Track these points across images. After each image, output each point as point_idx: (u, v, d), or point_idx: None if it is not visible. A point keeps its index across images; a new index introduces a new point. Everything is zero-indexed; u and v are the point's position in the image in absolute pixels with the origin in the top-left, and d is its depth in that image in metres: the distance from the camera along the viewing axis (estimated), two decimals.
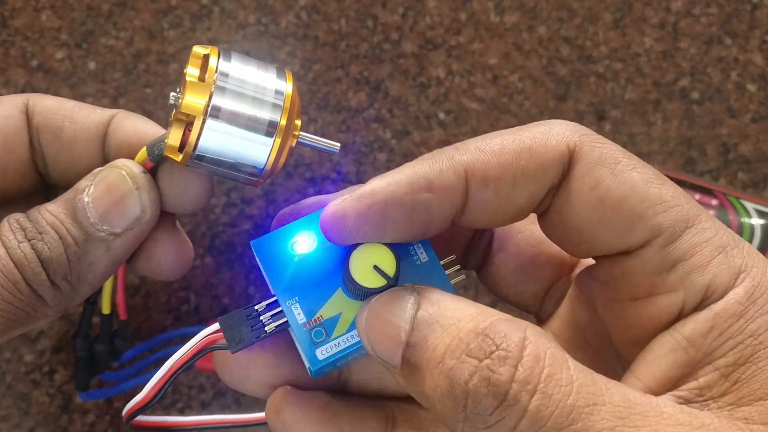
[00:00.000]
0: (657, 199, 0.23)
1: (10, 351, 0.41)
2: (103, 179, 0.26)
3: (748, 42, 0.46)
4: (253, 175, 0.26)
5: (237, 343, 0.24)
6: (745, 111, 0.46)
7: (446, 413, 0.20)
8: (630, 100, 0.46)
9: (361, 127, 0.45)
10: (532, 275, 0.28)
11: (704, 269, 0.22)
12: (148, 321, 0.42)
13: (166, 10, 0.45)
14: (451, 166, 0.23)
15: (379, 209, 0.23)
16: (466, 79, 0.45)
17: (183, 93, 0.25)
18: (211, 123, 0.24)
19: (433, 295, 0.22)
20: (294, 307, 0.24)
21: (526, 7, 0.46)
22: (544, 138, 0.24)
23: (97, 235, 0.26)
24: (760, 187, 0.45)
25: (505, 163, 0.23)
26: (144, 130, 0.28)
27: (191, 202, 0.28)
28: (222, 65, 0.25)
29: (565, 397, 0.19)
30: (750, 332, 0.21)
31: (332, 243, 0.24)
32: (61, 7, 0.45)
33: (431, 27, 0.46)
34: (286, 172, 0.44)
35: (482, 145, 0.24)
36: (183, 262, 0.29)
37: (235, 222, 0.43)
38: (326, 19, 0.46)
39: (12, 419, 0.41)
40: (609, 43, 0.46)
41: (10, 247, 0.25)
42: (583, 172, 0.23)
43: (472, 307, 0.22)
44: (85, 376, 0.36)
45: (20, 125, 0.28)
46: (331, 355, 0.24)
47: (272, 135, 0.25)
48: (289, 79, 0.26)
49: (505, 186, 0.23)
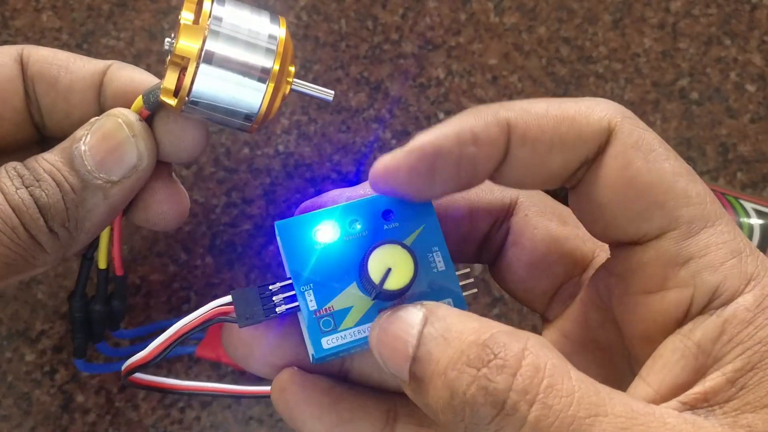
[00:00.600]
0: (681, 193, 0.23)
1: (11, 351, 0.41)
2: (100, 128, 0.26)
3: (748, 42, 0.46)
4: (247, 120, 0.26)
5: (246, 318, 0.24)
6: (744, 111, 0.46)
7: (448, 425, 0.21)
8: (629, 100, 0.46)
9: (361, 127, 0.45)
10: (543, 271, 0.28)
11: (716, 270, 0.22)
12: (148, 321, 0.42)
13: (167, 11, 0.45)
14: (496, 121, 0.23)
15: (428, 162, 0.23)
16: (465, 79, 0.45)
17: (177, 36, 0.25)
18: (204, 68, 0.25)
19: (440, 310, 0.22)
20: (307, 293, 0.25)
21: (526, 8, 0.46)
22: (587, 111, 0.24)
23: (95, 183, 0.26)
24: (759, 187, 0.45)
25: (546, 126, 0.24)
26: (140, 79, 0.28)
27: (187, 149, 0.28)
28: (216, 9, 0.25)
29: (565, 408, 0.19)
30: (759, 339, 0.21)
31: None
32: (61, 7, 0.45)
33: (431, 27, 0.46)
34: (286, 172, 0.44)
35: (527, 106, 0.24)
36: (180, 212, 0.29)
37: (235, 222, 0.43)
38: (326, 19, 0.46)
39: (13, 419, 0.41)
40: (608, 43, 0.46)
41: (8, 193, 0.25)
42: (617, 151, 0.24)
43: (476, 321, 0.22)
44: (82, 339, 0.35)
45: (15, 74, 0.28)
46: (335, 345, 0.24)
47: (265, 80, 0.25)
48: (282, 24, 0.26)
49: (542, 148, 0.24)
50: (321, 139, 0.44)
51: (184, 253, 0.43)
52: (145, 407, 0.41)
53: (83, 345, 0.36)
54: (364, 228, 0.25)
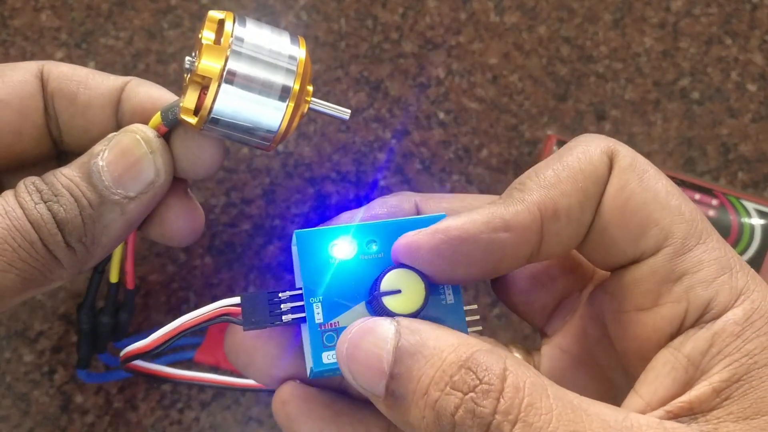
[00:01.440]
0: (675, 210, 0.24)
1: (10, 351, 0.41)
2: (118, 143, 0.27)
3: (748, 42, 0.46)
4: (266, 139, 0.26)
5: (252, 322, 0.25)
6: (745, 111, 0.46)
7: None
8: (630, 99, 0.46)
9: (361, 127, 0.45)
10: (545, 286, 0.28)
11: (708, 285, 0.23)
12: (148, 321, 0.42)
13: (166, 10, 0.45)
14: (526, 207, 0.24)
15: (453, 245, 0.24)
16: (466, 78, 0.45)
17: (199, 56, 0.25)
18: (226, 87, 0.25)
19: (412, 324, 0.23)
20: (316, 305, 0.25)
21: (526, 7, 0.46)
22: (586, 156, 0.25)
23: (112, 198, 0.26)
24: (760, 187, 0.45)
25: (568, 191, 0.24)
26: (158, 96, 0.29)
27: (204, 166, 0.28)
28: (237, 30, 0.25)
29: (545, 425, 0.20)
30: (746, 352, 0.22)
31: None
32: (60, 7, 0.45)
33: (431, 27, 0.46)
34: (285, 171, 0.44)
35: (540, 181, 0.24)
36: (194, 228, 0.29)
37: (234, 222, 0.43)
38: (326, 18, 0.46)
39: (12, 419, 0.40)
40: (609, 43, 0.46)
41: (27, 208, 0.25)
42: (614, 175, 0.24)
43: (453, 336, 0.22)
44: (86, 351, 0.36)
45: (35, 90, 0.29)
46: (335, 362, 0.24)
47: (285, 99, 0.26)
48: (302, 45, 0.27)
49: (575, 212, 0.24)
50: (320, 138, 0.44)
51: (184, 253, 0.43)
52: (144, 408, 0.41)
53: (88, 356, 0.36)
54: (381, 250, 0.26)
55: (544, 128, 0.45)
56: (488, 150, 0.45)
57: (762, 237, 0.41)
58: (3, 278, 0.25)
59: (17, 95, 0.28)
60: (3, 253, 0.25)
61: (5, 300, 0.25)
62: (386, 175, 0.44)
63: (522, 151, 0.45)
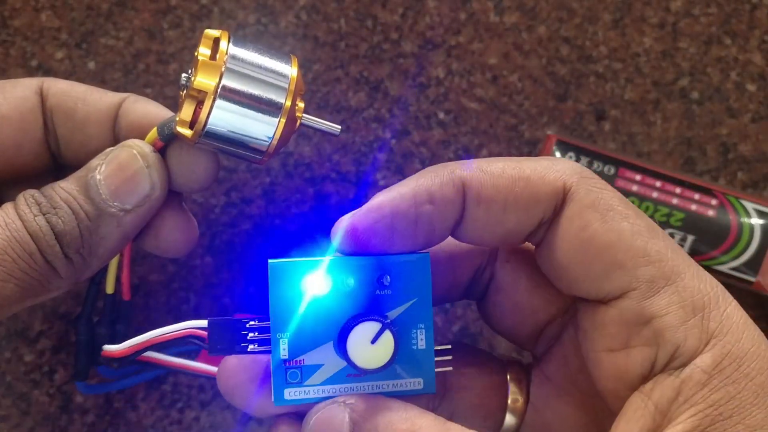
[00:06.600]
0: (640, 252, 0.23)
1: (10, 351, 0.41)
2: (115, 158, 0.27)
3: (748, 42, 0.46)
4: (258, 152, 0.27)
5: (217, 348, 0.25)
6: (745, 111, 0.46)
7: None
8: (630, 99, 0.46)
9: (361, 127, 0.45)
10: (527, 315, 0.29)
11: (676, 329, 0.22)
12: (148, 321, 0.42)
13: (166, 10, 0.45)
14: (451, 180, 0.24)
15: (386, 222, 0.24)
16: (465, 79, 0.45)
17: (195, 72, 0.26)
18: (220, 102, 0.26)
19: (366, 411, 0.23)
20: (282, 340, 0.25)
21: (526, 7, 0.46)
22: (543, 172, 0.24)
23: (109, 211, 0.27)
24: (759, 187, 0.45)
25: (500, 186, 0.24)
26: (154, 112, 0.30)
27: (198, 180, 0.29)
28: (232, 49, 0.27)
29: None
30: (711, 402, 0.21)
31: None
32: (60, 7, 0.45)
33: (431, 27, 0.46)
34: (285, 172, 0.44)
35: (484, 165, 0.25)
36: (188, 240, 0.31)
37: (235, 222, 0.43)
38: (326, 19, 0.46)
39: (12, 419, 0.41)
40: (609, 43, 0.46)
41: (27, 220, 0.26)
42: (574, 212, 0.24)
43: (404, 422, 0.23)
44: (84, 362, 0.36)
45: (35, 106, 0.30)
46: (297, 399, 0.25)
47: (278, 115, 0.27)
48: (294, 63, 0.28)
49: (497, 207, 0.24)
50: (320, 138, 0.44)
51: None
52: (144, 407, 0.41)
53: (86, 368, 0.36)
54: (356, 287, 0.25)
55: (543, 128, 0.45)
56: (488, 150, 0.45)
57: (761, 237, 0.41)
58: (2, 288, 0.25)
59: (18, 111, 0.29)
60: (3, 264, 0.25)
61: (4, 309, 0.26)
62: (386, 175, 0.45)
63: (522, 151, 0.45)
